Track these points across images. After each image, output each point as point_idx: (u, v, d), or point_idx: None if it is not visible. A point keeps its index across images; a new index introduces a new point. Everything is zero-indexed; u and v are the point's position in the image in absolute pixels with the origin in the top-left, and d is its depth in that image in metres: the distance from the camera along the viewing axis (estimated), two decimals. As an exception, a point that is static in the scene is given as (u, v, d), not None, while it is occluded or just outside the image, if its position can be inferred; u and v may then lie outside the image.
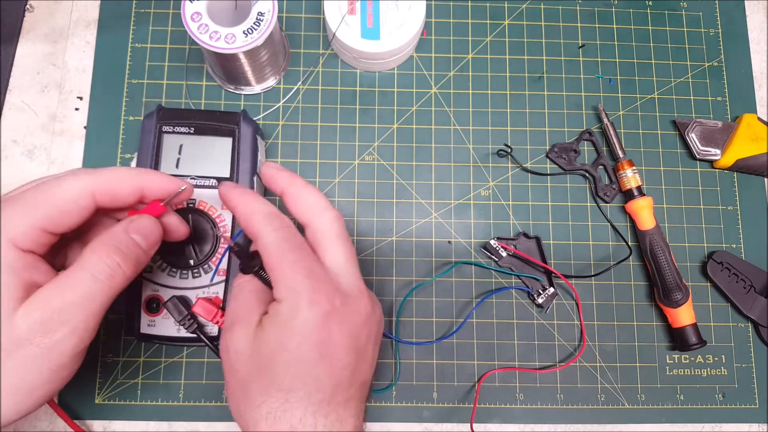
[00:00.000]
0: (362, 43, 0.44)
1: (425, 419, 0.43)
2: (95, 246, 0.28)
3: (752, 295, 0.45)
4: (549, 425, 0.44)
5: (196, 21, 0.39)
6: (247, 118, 0.41)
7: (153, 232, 0.30)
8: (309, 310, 0.28)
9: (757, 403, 0.45)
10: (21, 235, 0.27)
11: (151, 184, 0.31)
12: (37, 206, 0.27)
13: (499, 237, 0.45)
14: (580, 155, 0.48)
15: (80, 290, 0.27)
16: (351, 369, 0.30)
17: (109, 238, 0.29)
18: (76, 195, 0.28)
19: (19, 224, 0.27)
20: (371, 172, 0.47)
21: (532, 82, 0.49)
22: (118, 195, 0.30)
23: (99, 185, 0.29)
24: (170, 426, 0.42)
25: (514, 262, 0.45)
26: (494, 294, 0.45)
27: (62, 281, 0.27)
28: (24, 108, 0.46)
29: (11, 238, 0.26)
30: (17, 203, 0.27)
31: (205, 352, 0.43)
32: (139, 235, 0.30)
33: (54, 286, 0.27)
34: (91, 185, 0.29)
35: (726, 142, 0.48)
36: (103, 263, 0.28)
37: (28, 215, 0.27)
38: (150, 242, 0.30)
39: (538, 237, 0.45)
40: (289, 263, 0.29)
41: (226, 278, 0.39)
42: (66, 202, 0.28)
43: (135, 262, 0.29)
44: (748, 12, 0.52)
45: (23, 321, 0.26)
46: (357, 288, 0.31)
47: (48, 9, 0.48)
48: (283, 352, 0.28)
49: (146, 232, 0.30)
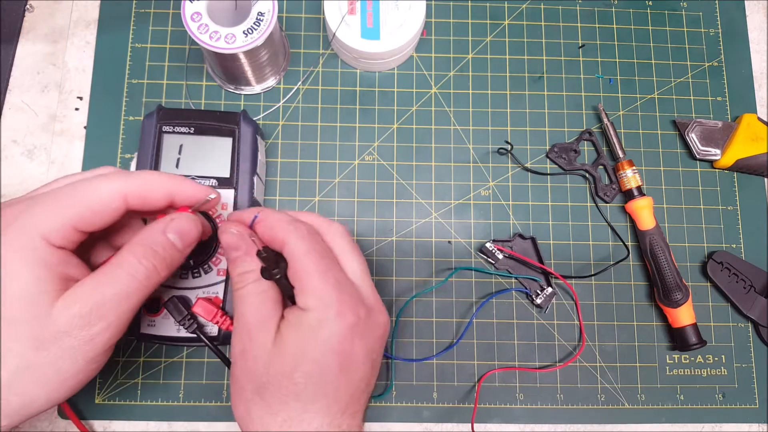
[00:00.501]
0: (362, 43, 0.44)
1: (425, 419, 0.43)
2: (134, 247, 0.29)
3: (752, 295, 0.45)
4: (549, 425, 0.44)
5: (196, 21, 0.39)
6: (247, 118, 0.41)
7: (190, 233, 0.31)
8: (336, 322, 0.29)
9: (757, 403, 0.45)
10: (53, 232, 0.27)
11: (182, 191, 0.31)
12: (70, 205, 0.28)
13: (494, 239, 0.45)
14: (580, 155, 0.48)
15: (118, 288, 0.28)
16: (366, 381, 0.31)
17: (147, 238, 0.29)
18: (109, 197, 0.29)
19: (51, 221, 0.27)
20: (371, 172, 0.47)
21: (532, 82, 0.49)
22: (149, 199, 0.30)
23: (132, 188, 0.29)
24: (170, 426, 0.42)
25: (511, 264, 0.45)
26: (493, 297, 0.45)
27: (100, 278, 0.28)
28: (24, 108, 0.46)
29: (44, 234, 0.27)
30: (50, 201, 0.28)
31: (205, 352, 0.43)
32: (176, 236, 0.30)
33: (92, 282, 0.28)
34: (125, 188, 0.29)
35: (726, 142, 0.48)
36: (140, 264, 0.28)
37: (60, 213, 0.27)
38: (186, 243, 0.31)
39: (533, 237, 0.45)
40: (319, 273, 0.29)
41: (225, 278, 0.39)
42: (99, 203, 0.28)
43: (170, 263, 0.30)
44: (748, 12, 0.52)
45: (61, 314, 0.26)
46: (375, 300, 0.32)
47: (48, 9, 0.48)
48: (306, 362, 0.29)
49: (183, 233, 0.30)
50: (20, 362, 0.26)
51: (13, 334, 0.26)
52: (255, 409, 0.29)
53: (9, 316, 0.26)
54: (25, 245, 0.27)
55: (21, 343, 0.26)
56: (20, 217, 0.27)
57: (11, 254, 0.26)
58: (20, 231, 0.27)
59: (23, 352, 0.26)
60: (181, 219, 0.30)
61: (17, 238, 0.27)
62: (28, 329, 0.26)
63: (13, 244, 0.26)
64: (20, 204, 0.28)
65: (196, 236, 0.31)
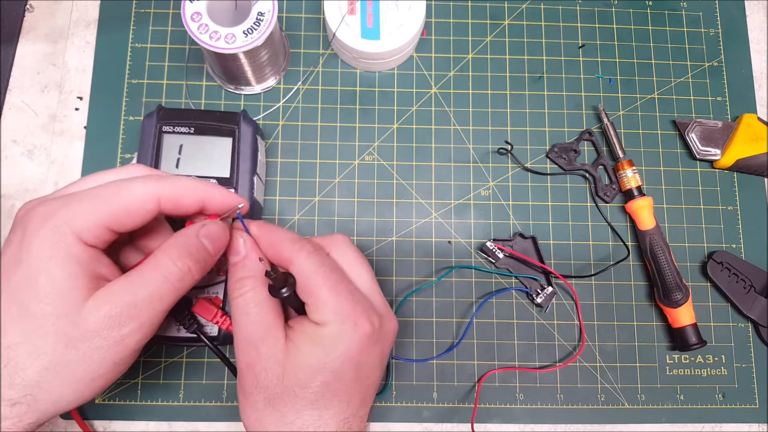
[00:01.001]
0: (362, 43, 0.44)
1: (425, 419, 0.43)
2: (168, 249, 0.29)
3: (752, 295, 0.45)
4: (549, 425, 0.44)
5: (196, 21, 0.40)
6: (247, 118, 0.41)
7: (221, 238, 0.31)
8: (354, 333, 0.29)
9: (757, 403, 0.45)
10: (86, 230, 0.27)
11: (213, 198, 0.31)
12: (106, 205, 0.28)
13: (495, 238, 0.45)
14: (580, 155, 0.48)
15: (150, 289, 0.28)
16: (375, 386, 0.32)
17: (181, 241, 0.29)
18: (143, 199, 0.29)
19: (86, 220, 0.27)
20: (371, 172, 0.47)
21: (532, 82, 0.49)
22: (181, 204, 0.30)
23: (166, 192, 0.29)
24: (170, 426, 0.42)
25: (512, 263, 0.45)
26: (493, 296, 0.45)
27: (133, 279, 0.28)
28: (24, 108, 0.46)
29: (77, 232, 0.27)
30: (86, 200, 0.28)
31: (205, 352, 0.43)
32: (208, 240, 0.30)
33: (125, 283, 0.28)
34: (159, 191, 0.29)
35: (726, 142, 0.48)
36: (175, 266, 0.28)
37: (95, 212, 0.28)
38: (217, 248, 0.31)
39: (534, 237, 0.45)
40: (331, 288, 0.30)
41: (225, 278, 0.39)
42: (134, 204, 0.28)
43: (203, 265, 0.30)
44: (748, 12, 0.52)
45: (91, 313, 0.27)
46: (385, 306, 0.33)
47: (48, 9, 0.48)
48: (325, 373, 0.29)
49: (215, 238, 0.30)
50: (51, 360, 0.26)
51: (44, 330, 0.26)
52: (268, 419, 0.30)
53: (40, 311, 0.26)
54: (58, 242, 0.27)
55: (51, 340, 0.26)
56: (56, 214, 0.27)
57: (45, 251, 0.27)
58: (54, 228, 0.27)
59: (54, 349, 0.26)
60: (213, 225, 0.31)
61: (52, 235, 0.27)
62: (58, 326, 0.26)
63: (47, 240, 0.27)
64: (56, 201, 0.28)
65: (226, 243, 0.31)
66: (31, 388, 0.26)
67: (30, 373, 0.26)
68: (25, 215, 0.28)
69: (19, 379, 0.26)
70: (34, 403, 0.27)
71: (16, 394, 0.26)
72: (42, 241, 0.27)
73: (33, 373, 0.26)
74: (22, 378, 0.26)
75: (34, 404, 0.27)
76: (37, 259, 0.27)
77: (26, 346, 0.26)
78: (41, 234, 0.27)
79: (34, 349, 0.26)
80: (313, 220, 0.45)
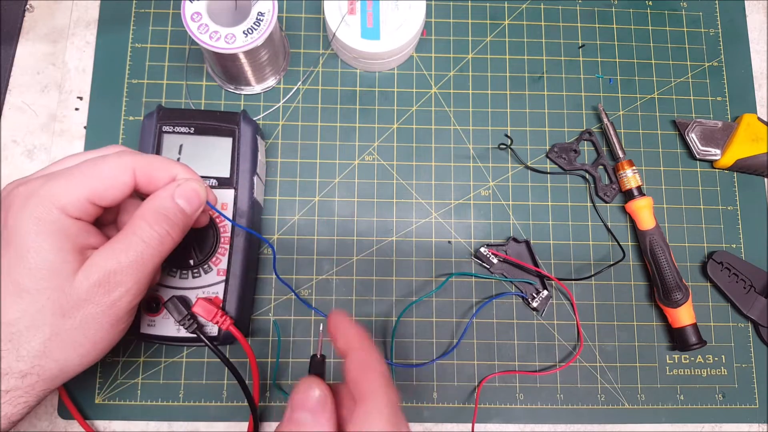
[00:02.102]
0: (362, 43, 0.44)
1: (425, 419, 0.43)
2: (144, 212, 0.30)
3: (752, 295, 0.45)
4: (549, 425, 0.44)
5: (196, 21, 0.39)
6: (247, 118, 0.41)
7: (197, 197, 0.32)
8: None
9: (757, 403, 0.45)
10: (70, 204, 0.28)
11: (181, 175, 0.32)
12: (85, 178, 0.29)
13: (489, 243, 0.45)
14: (580, 155, 0.48)
15: (132, 255, 0.29)
16: None
17: (156, 204, 0.30)
18: (120, 170, 0.30)
19: (68, 194, 0.28)
20: (371, 172, 0.47)
21: (532, 82, 0.49)
22: (154, 178, 0.31)
23: (140, 165, 0.30)
24: (170, 426, 0.42)
25: (506, 268, 0.45)
26: (487, 303, 0.45)
27: (115, 246, 0.29)
28: (24, 108, 0.46)
29: (61, 206, 0.28)
30: (65, 175, 0.29)
31: (205, 352, 0.43)
32: (184, 200, 0.31)
33: (108, 250, 0.29)
34: (133, 163, 0.30)
35: (726, 142, 0.48)
36: (153, 230, 0.30)
37: (76, 186, 0.29)
38: (194, 207, 0.32)
39: (527, 240, 0.45)
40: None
41: (225, 278, 0.39)
42: (110, 176, 0.29)
43: (182, 227, 0.31)
44: (748, 12, 0.52)
45: (82, 284, 0.28)
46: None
47: (48, 9, 0.48)
48: None
49: (191, 197, 0.31)
50: (51, 330, 0.28)
51: (40, 304, 0.28)
52: None
53: (34, 286, 0.27)
54: (44, 217, 0.28)
55: (48, 312, 0.28)
56: (37, 191, 0.28)
57: (32, 227, 0.28)
58: (38, 205, 0.28)
59: (52, 321, 0.28)
60: (187, 184, 0.31)
61: (36, 211, 0.28)
62: (53, 299, 0.28)
63: (33, 216, 0.28)
64: (36, 180, 0.29)
65: (203, 200, 0.32)
66: (38, 358, 0.28)
67: (34, 345, 0.28)
68: (8, 196, 0.29)
69: (25, 351, 0.28)
70: (43, 372, 0.28)
71: (24, 365, 0.28)
72: (27, 218, 0.28)
73: (37, 344, 0.28)
74: (27, 350, 0.28)
75: (43, 373, 0.28)
76: (24, 236, 0.28)
77: (26, 320, 0.28)
78: (26, 211, 0.28)
79: (33, 323, 0.28)
80: (313, 220, 0.45)
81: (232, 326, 0.37)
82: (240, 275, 0.39)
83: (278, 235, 0.45)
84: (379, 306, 0.44)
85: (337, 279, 0.45)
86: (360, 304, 0.44)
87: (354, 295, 0.44)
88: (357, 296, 0.44)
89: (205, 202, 0.33)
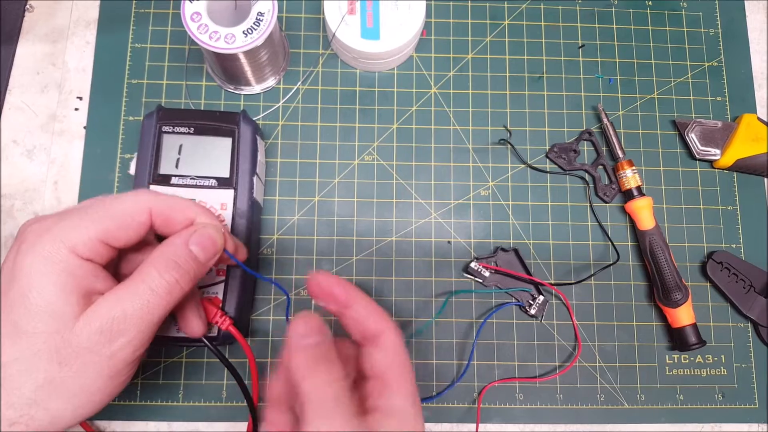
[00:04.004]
0: (362, 43, 0.44)
1: (425, 419, 0.43)
2: (154, 260, 0.29)
3: (752, 295, 0.45)
4: (549, 425, 0.44)
5: (195, 21, 0.40)
6: (246, 118, 0.41)
7: (213, 245, 0.30)
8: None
9: (757, 403, 0.45)
10: (80, 244, 0.27)
11: (201, 219, 0.31)
12: (98, 218, 0.28)
13: (477, 257, 0.45)
14: (579, 155, 0.48)
15: (138, 303, 0.27)
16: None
17: (168, 251, 0.29)
18: (134, 210, 0.29)
19: (79, 234, 0.27)
20: (371, 172, 0.47)
21: (531, 82, 0.49)
22: (173, 220, 0.30)
23: (157, 205, 0.30)
24: (170, 426, 0.42)
25: (499, 279, 0.45)
26: (487, 318, 0.44)
27: (121, 293, 0.28)
28: (24, 108, 0.46)
29: (72, 246, 0.27)
30: (78, 214, 0.28)
31: (205, 352, 0.43)
32: (198, 248, 0.30)
33: (113, 298, 0.27)
34: (150, 203, 0.29)
35: (726, 142, 0.48)
36: (162, 279, 0.28)
37: (87, 226, 0.28)
38: (209, 255, 0.30)
39: (516, 249, 0.45)
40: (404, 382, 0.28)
41: (225, 278, 0.39)
42: (124, 216, 0.29)
43: (193, 276, 0.30)
44: (748, 12, 0.52)
45: (83, 330, 0.27)
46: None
47: (48, 9, 0.48)
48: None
49: (206, 245, 0.30)
50: (45, 377, 0.26)
51: (36, 348, 0.26)
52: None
53: (32, 329, 0.26)
54: (52, 256, 0.27)
55: (44, 358, 0.26)
56: (51, 229, 0.27)
57: (38, 266, 0.27)
58: (49, 242, 0.27)
59: (47, 367, 0.26)
60: (204, 230, 0.30)
61: (45, 250, 0.27)
62: (50, 344, 0.26)
63: (41, 255, 0.27)
64: (52, 218, 0.28)
65: (219, 248, 0.31)
66: (28, 407, 0.26)
67: (25, 392, 0.26)
68: (23, 232, 0.28)
69: (15, 398, 0.26)
70: (32, 422, 0.26)
71: (13, 413, 0.26)
72: (35, 255, 0.27)
73: (28, 391, 0.26)
74: (18, 397, 0.26)
75: (32, 423, 0.26)
76: (29, 275, 0.26)
77: (19, 364, 0.26)
78: (35, 249, 0.27)
79: (27, 367, 0.26)
80: (312, 220, 0.45)
81: (232, 326, 0.37)
82: (240, 275, 0.39)
83: (278, 235, 0.45)
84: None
85: (336, 279, 0.45)
86: (360, 304, 0.44)
87: (354, 295, 0.44)
88: (357, 296, 0.44)
89: (222, 250, 0.31)
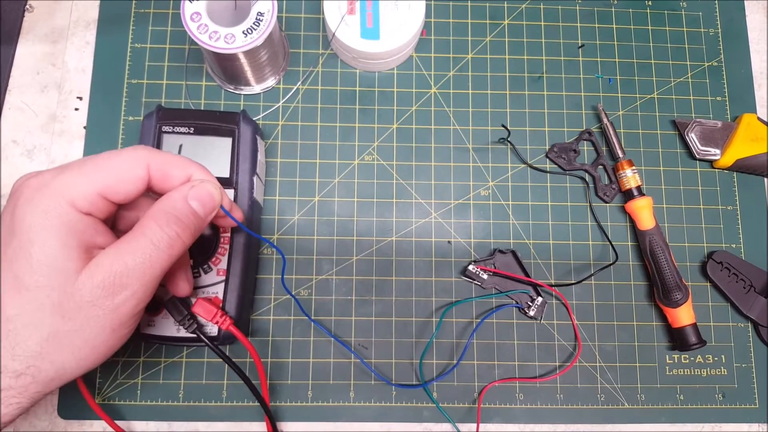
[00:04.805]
0: (362, 43, 0.44)
1: (425, 419, 0.43)
2: (155, 213, 0.29)
3: (752, 295, 0.45)
4: (549, 425, 0.44)
5: (195, 21, 0.40)
6: (246, 118, 0.41)
7: (212, 200, 0.31)
8: None
9: (757, 403, 0.45)
10: (80, 198, 0.27)
11: (197, 175, 0.31)
12: (97, 171, 0.28)
13: (474, 260, 0.45)
14: (579, 155, 0.48)
15: (140, 257, 0.28)
16: None
17: (169, 205, 0.29)
18: (132, 164, 0.29)
19: (78, 188, 0.27)
20: (371, 172, 0.47)
21: (531, 82, 0.49)
22: (170, 176, 0.30)
23: (155, 161, 0.30)
24: (170, 426, 0.42)
25: (497, 281, 0.45)
26: (485, 319, 0.44)
27: (123, 247, 0.28)
28: (24, 108, 0.46)
29: (71, 200, 0.27)
30: (77, 168, 0.28)
31: (205, 352, 0.43)
32: (197, 202, 0.30)
33: (114, 252, 0.28)
34: (148, 158, 0.29)
35: (726, 142, 0.48)
36: (162, 232, 0.28)
37: (87, 179, 0.28)
38: (208, 210, 0.31)
39: (513, 251, 0.45)
40: None
41: (225, 278, 0.39)
42: (122, 170, 0.29)
43: (193, 230, 0.30)
44: (748, 12, 0.52)
45: (85, 284, 0.27)
46: None
47: (48, 9, 0.48)
48: None
49: (205, 200, 0.30)
50: (49, 331, 0.27)
51: (40, 302, 0.26)
52: None
53: (34, 283, 0.26)
54: (52, 210, 0.27)
55: (48, 312, 0.27)
56: (48, 183, 0.27)
57: (38, 220, 0.27)
58: (47, 197, 0.27)
59: (51, 321, 0.27)
60: (202, 185, 0.30)
61: (44, 204, 0.27)
62: (53, 298, 0.27)
63: (40, 209, 0.27)
64: (48, 172, 0.28)
65: (217, 203, 0.31)
66: (34, 359, 0.27)
67: (31, 344, 0.27)
68: (19, 187, 0.28)
69: (20, 351, 0.26)
70: (38, 373, 0.27)
71: (19, 365, 0.27)
72: (34, 210, 0.27)
73: (34, 344, 0.27)
74: (23, 349, 0.26)
75: (38, 375, 0.27)
76: (30, 229, 0.27)
77: (23, 318, 0.26)
78: (34, 203, 0.27)
79: (32, 321, 0.27)
80: (312, 220, 0.45)
81: (232, 326, 0.37)
82: (240, 275, 0.39)
83: (278, 235, 0.45)
84: (379, 306, 0.44)
85: (336, 279, 0.45)
86: (360, 305, 0.44)
87: (354, 295, 0.44)
88: (357, 296, 0.44)
89: (219, 206, 0.31)
